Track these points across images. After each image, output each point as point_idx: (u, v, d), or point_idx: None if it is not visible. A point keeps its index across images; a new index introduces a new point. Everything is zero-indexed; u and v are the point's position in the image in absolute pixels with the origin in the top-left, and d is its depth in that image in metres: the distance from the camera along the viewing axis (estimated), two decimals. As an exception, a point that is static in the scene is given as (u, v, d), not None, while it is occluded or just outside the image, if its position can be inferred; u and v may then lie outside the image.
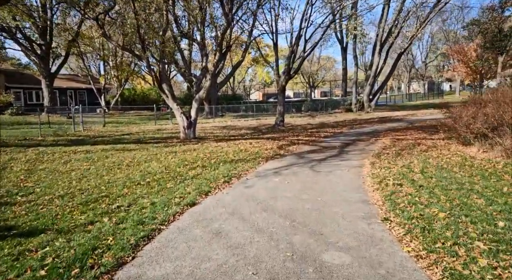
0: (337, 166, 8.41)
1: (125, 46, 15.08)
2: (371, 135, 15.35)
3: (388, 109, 34.81)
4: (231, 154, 10.76)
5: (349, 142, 13.16)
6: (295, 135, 16.23)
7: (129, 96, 45.50)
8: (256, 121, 26.72)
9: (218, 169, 8.24)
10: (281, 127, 20.58)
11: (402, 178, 6.44)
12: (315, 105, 34.74)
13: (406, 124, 19.72)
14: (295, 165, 8.80)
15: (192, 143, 13.66)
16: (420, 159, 8.57)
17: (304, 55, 21.17)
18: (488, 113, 9.37)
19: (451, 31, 62.35)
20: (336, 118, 27.15)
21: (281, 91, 21.50)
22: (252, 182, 6.95)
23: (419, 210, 4.47)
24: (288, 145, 12.78)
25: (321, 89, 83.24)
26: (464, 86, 70.33)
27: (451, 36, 62.08)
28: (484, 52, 28.80)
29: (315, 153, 10.70)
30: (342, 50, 35.18)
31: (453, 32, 62.67)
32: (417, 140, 12.55)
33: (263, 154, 10.62)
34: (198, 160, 9.61)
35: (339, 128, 19.20)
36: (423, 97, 58.78)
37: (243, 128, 21.46)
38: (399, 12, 28.12)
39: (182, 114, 14.90)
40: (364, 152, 10.69)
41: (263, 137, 15.61)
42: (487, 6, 24.35)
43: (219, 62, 14.51)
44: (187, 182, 6.86)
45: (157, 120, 26.24)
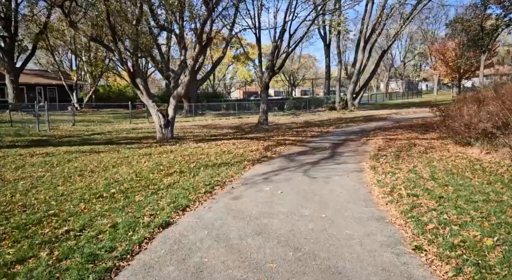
0: (334, 170, 7.44)
1: (95, 37, 13.64)
2: (360, 134, 14.55)
3: (371, 108, 34.44)
4: (213, 156, 9.63)
5: (339, 143, 12.28)
6: (281, 134, 15.25)
7: (104, 93, 43.40)
8: (238, 120, 25.62)
9: (199, 175, 7.11)
10: (265, 126, 19.56)
11: (414, 187, 5.52)
12: (298, 103, 33.95)
13: (393, 123, 19.10)
14: (286, 169, 7.77)
15: (169, 144, 12.42)
16: (423, 162, 7.73)
17: (289, 50, 20.23)
18: (493, 112, 8.64)
19: (429, 30, 63.15)
20: (320, 116, 26.38)
21: (265, 88, 20.48)
22: (239, 192, 5.87)
23: (456, 234, 3.52)
24: (275, 145, 11.76)
25: (302, 87, 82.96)
26: (441, 85, 71.51)
27: (429, 35, 62.87)
28: (466, 51, 28.76)
29: (306, 155, 9.72)
30: (325, 47, 34.52)
31: (431, 31, 63.54)
32: (410, 140, 11.80)
33: (249, 157, 9.55)
34: (176, 164, 8.44)
35: (326, 127, 18.36)
36: (403, 96, 59.26)
37: (225, 127, 20.32)
38: (383, 8, 27.62)
39: (159, 112, 13.62)
40: (358, 153, 9.80)
41: (247, 137, 14.54)
42: (470, 3, 24.21)
43: (198, 55, 13.32)
44: (161, 193, 5.70)
45: (133, 119, 24.69)
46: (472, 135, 8.91)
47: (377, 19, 28.23)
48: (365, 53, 29.50)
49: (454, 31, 27.46)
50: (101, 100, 40.26)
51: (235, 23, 27.18)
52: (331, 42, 34.66)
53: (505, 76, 12.31)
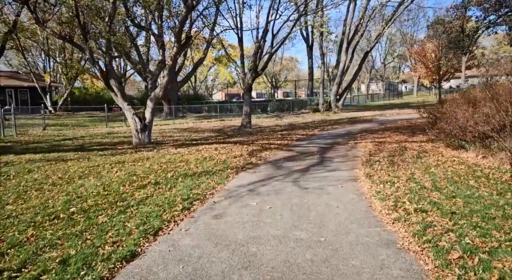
0: (326, 179, 6.79)
1: (64, 35, 12.58)
2: (347, 137, 14.04)
3: (354, 110, 34.26)
4: (193, 164, 8.83)
5: (327, 147, 11.68)
6: (265, 138, 14.56)
7: (80, 96, 41.65)
8: (221, 123, 24.79)
9: (176, 187, 6.30)
10: (248, 129, 18.84)
11: (419, 199, 4.91)
12: (282, 105, 33.40)
13: (378, 125, 18.74)
14: (274, 178, 7.07)
15: (146, 150, 11.53)
16: (420, 168, 7.18)
17: (272, 51, 19.60)
18: (488, 114, 8.21)
19: (408, 33, 64.14)
20: (304, 119, 25.87)
21: (247, 90, 19.77)
22: (222, 208, 5.12)
23: (489, 267, 2.88)
24: (260, 150, 11.05)
25: (284, 89, 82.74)
26: (420, 87, 72.73)
27: (408, 38, 63.88)
28: (447, 52, 28.96)
29: (294, 162, 9.04)
30: (307, 48, 34.13)
31: (410, 34, 64.57)
32: (400, 143, 11.33)
33: (232, 164, 8.80)
34: (151, 174, 7.60)
35: (311, 130, 17.79)
36: (384, 98, 59.81)
37: (207, 130, 19.47)
38: (365, 10, 27.46)
39: (135, 115, 12.68)
40: (348, 159, 9.20)
41: (229, 141, 13.78)
42: (451, 5, 24.31)
43: (177, 55, 12.48)
44: (131, 211, 4.88)
45: (110, 122, 23.51)
46: (468, 139, 8.45)
47: (360, 21, 28.06)
48: (348, 54, 29.27)
49: (436, 32, 27.54)
50: (77, 103, 38.54)
51: (216, 23, 26.46)
52: (313, 43, 34.33)
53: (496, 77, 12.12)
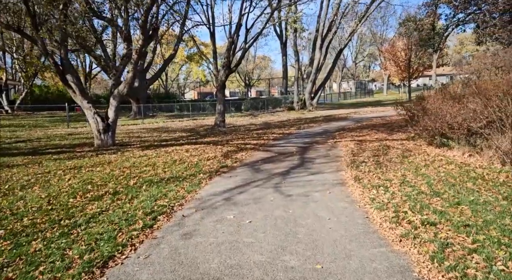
0: (311, 184, 6.06)
1: (11, 25, 11.18)
2: (325, 136, 13.47)
3: (328, 108, 34.09)
4: (161, 168, 7.87)
5: (306, 146, 11.02)
6: (241, 137, 13.73)
7: (40, 95, 39.02)
8: (193, 122, 23.71)
9: (138, 198, 5.36)
10: (222, 128, 17.94)
11: (422, 208, 4.26)
12: (256, 103, 32.66)
13: (355, 123, 18.37)
14: (253, 184, 6.26)
15: (108, 153, 10.40)
16: (410, 169, 6.61)
17: (246, 46, 18.77)
18: (477, 110, 7.79)
19: (378, 32, 65.31)
20: (279, 117, 25.25)
21: (221, 87, 18.84)
22: (193, 224, 4.26)
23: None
24: (236, 151, 10.22)
25: (257, 88, 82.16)
26: (389, 85, 74.35)
27: (378, 37, 65.08)
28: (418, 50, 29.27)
29: (273, 163, 8.28)
30: (281, 45, 33.55)
31: (379, 33, 65.80)
32: (380, 141, 10.86)
33: (205, 167, 7.92)
34: (110, 181, 6.59)
35: (287, 128, 17.15)
36: (355, 96, 60.57)
37: (178, 130, 18.39)
38: (338, 6, 27.18)
39: (96, 114, 11.50)
40: (331, 159, 8.55)
41: (202, 141, 12.85)
42: (423, 2, 24.50)
43: (143, 48, 11.40)
44: (76, 233, 3.91)
45: (73, 122, 21.88)
46: (456, 136, 8.00)
47: (333, 17, 27.77)
48: (322, 51, 28.93)
49: (408, 30, 27.73)
50: (37, 101, 35.99)
51: (186, 17, 25.36)
52: (287, 41, 33.81)
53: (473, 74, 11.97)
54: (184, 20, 25.18)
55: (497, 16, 22.28)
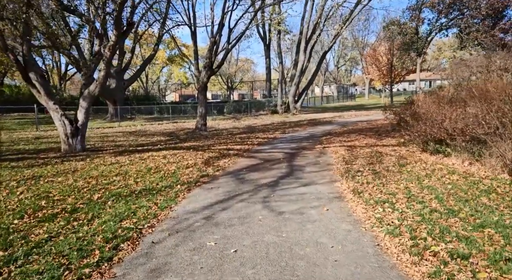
0: (304, 198, 5.31)
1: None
2: (312, 141, 12.82)
3: (312, 111, 33.66)
4: (133, 178, 6.96)
5: (293, 152, 10.31)
6: (223, 142, 12.90)
7: (11, 95, 36.93)
8: (173, 125, 22.67)
9: (101, 218, 4.47)
10: (204, 132, 17.05)
11: (442, 232, 3.57)
12: (239, 106, 31.86)
13: (340, 127, 17.83)
14: (237, 197, 5.46)
15: (76, 159, 9.38)
16: (411, 180, 5.97)
17: (229, 47, 17.98)
18: (478, 115, 7.26)
19: (359, 37, 65.91)
20: (263, 120, 24.53)
21: (202, 89, 17.96)
22: (164, 255, 3.42)
23: None
24: (218, 158, 9.39)
25: (239, 91, 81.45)
26: (370, 89, 75.15)
27: (360, 41, 65.72)
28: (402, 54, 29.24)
29: (259, 172, 7.50)
30: (265, 47, 32.92)
31: (361, 38, 66.44)
32: (371, 147, 10.29)
33: (183, 176, 7.07)
34: (71, 194, 5.65)
35: (271, 132, 16.43)
36: (338, 100, 60.77)
37: (157, 133, 17.37)
38: (322, 8, 26.78)
39: (64, 116, 10.43)
40: (322, 167, 7.84)
41: (182, 147, 11.95)
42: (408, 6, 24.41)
43: (116, 44, 10.41)
44: (7, 273, 3.01)
45: (44, 125, 20.44)
46: (457, 143, 7.44)
47: (317, 20, 27.36)
48: (306, 54, 28.46)
49: (392, 34, 27.64)
50: (8, 103, 33.95)
51: (167, 17, 24.44)
52: (271, 43, 33.22)
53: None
54: (164, 19, 24.21)
55: (479, 21, 22.42)
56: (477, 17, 21.87)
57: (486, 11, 20.84)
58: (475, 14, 21.71)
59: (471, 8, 22.07)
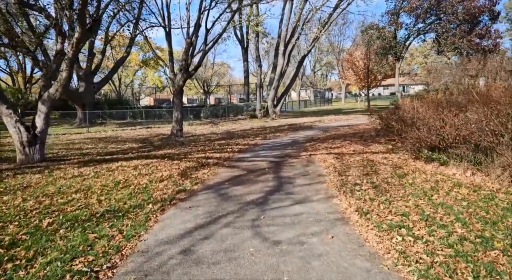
0: (301, 220, 4.49)
1: None
2: (296, 147, 12.09)
3: (291, 116, 33.14)
4: (97, 195, 5.93)
5: (278, 161, 9.52)
6: (201, 149, 11.93)
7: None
8: (147, 131, 21.40)
9: (46, 255, 3.46)
10: (180, 138, 16.00)
11: (490, 274, 2.84)
12: (216, 111, 30.89)
13: (322, 132, 17.22)
14: (221, 220, 4.56)
15: (32, 171, 8.18)
16: (418, 195, 5.29)
17: (206, 48, 17.05)
18: (482, 121, 6.70)
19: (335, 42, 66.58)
20: (242, 125, 23.67)
21: (178, 92, 16.92)
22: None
23: None
24: (196, 168, 8.45)
25: (216, 95, 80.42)
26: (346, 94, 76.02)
27: (336, 46, 66.40)
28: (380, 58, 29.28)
29: (244, 186, 6.63)
30: (243, 50, 32.17)
31: (337, 42, 67.15)
32: (360, 154, 9.67)
33: (156, 192, 6.11)
34: (15, 219, 4.59)
35: (252, 138, 15.60)
36: (315, 104, 60.87)
37: (129, 140, 16.16)
38: (301, 11, 26.37)
39: (19, 122, 9.18)
40: (313, 179, 7.07)
41: (156, 155, 10.91)
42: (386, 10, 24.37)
43: (80, 42, 9.30)
44: None
45: (4, 131, 18.68)
46: (462, 152, 6.86)
47: (296, 23, 26.93)
48: (285, 57, 27.92)
49: (370, 38, 27.59)
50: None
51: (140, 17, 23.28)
52: (249, 45, 32.53)
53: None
54: (137, 19, 23.01)
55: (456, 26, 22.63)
56: (454, 22, 22.05)
57: (463, 16, 21.02)
58: (452, 19, 21.89)
59: (448, 13, 22.23)
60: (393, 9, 23.95)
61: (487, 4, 21.79)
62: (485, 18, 22.30)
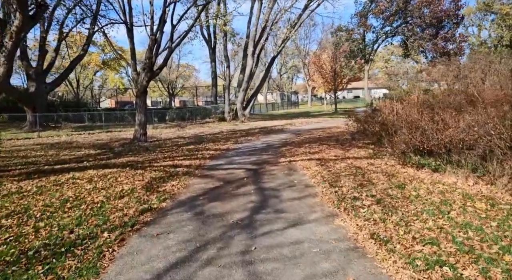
0: (302, 252, 3.52)
1: None
2: (272, 153, 11.19)
3: (260, 118, 32.32)
4: (35, 220, 4.63)
5: (256, 169, 8.54)
6: (168, 156, 10.68)
7: None
8: (107, 135, 19.61)
9: None
10: (144, 143, 14.57)
11: None
12: (182, 113, 29.38)
13: (296, 136, 16.44)
14: (200, 255, 3.49)
15: (-44, 188, 6.61)
16: (433, 213, 4.50)
17: (172, 45, 15.75)
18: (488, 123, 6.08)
19: (301, 45, 67.02)
20: (210, 129, 22.46)
21: (141, 93, 15.46)
22: None
23: None
24: (163, 179, 7.27)
25: (181, 98, 78.25)
26: (312, 97, 76.77)
27: (302, 49, 66.88)
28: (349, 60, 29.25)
29: (223, 202, 5.57)
30: (210, 50, 30.92)
31: (303, 46, 67.65)
32: (344, 160, 8.95)
33: (114, 214, 4.91)
34: None
35: (223, 142, 14.49)
36: (282, 107, 60.73)
37: (86, 145, 14.49)
38: (271, 10, 25.68)
39: None
40: (301, 191, 6.14)
41: (116, 163, 9.56)
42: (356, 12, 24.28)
43: (21, 31, 7.80)
44: None
45: None
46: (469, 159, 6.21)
47: (265, 23, 26.21)
48: (254, 58, 27.08)
49: (340, 40, 27.42)
50: None
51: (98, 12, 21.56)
52: (216, 46, 31.35)
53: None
54: (95, 14, 21.25)
55: (422, 30, 22.92)
56: (420, 25, 22.31)
57: (429, 19, 21.27)
58: (419, 22, 22.13)
59: (415, 16, 22.45)
60: (362, 11, 23.87)
61: (452, 8, 22.28)
62: (450, 22, 22.78)
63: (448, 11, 21.99)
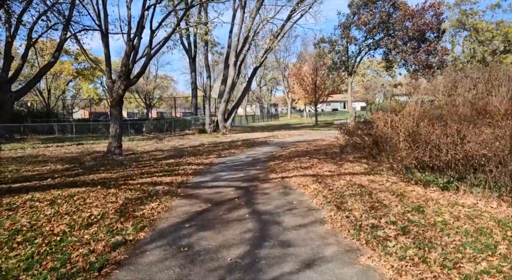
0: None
1: None
2: (261, 168, 10.32)
3: (241, 130, 31.48)
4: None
5: (247, 186, 7.63)
6: (146, 172, 9.58)
7: None
8: (78, 148, 18.13)
9: None
10: (119, 156, 13.35)
11: None
12: (160, 125, 28.14)
13: (281, 149, 15.65)
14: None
15: None
16: (478, 249, 3.75)
17: (151, 52, 14.73)
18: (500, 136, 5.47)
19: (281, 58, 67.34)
20: (191, 141, 21.34)
21: (117, 102, 14.30)
22: None
23: None
24: (140, 200, 6.23)
25: (158, 109, 76.48)
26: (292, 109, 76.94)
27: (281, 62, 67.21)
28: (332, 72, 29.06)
29: (213, 231, 4.61)
30: (190, 60, 29.97)
31: (282, 58, 68.01)
32: (341, 177, 8.24)
33: (78, 250, 3.87)
34: None
35: (205, 156, 13.48)
36: (262, 119, 60.34)
37: (52, 160, 13.08)
38: (253, 21, 25.17)
39: None
40: (305, 216, 5.26)
41: (86, 180, 8.40)
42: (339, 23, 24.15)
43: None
44: None
45: None
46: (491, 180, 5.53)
47: (247, 33, 25.66)
48: (236, 68, 26.37)
49: (322, 51, 27.20)
50: None
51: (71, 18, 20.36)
52: (196, 55, 30.46)
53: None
54: (68, 20, 19.99)
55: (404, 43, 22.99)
56: (403, 38, 22.36)
57: (412, 32, 21.36)
58: (402, 35, 22.18)
59: (397, 29, 22.51)
60: (345, 22, 23.77)
61: (434, 21, 22.52)
62: (431, 35, 23.01)
63: (430, 24, 22.19)
